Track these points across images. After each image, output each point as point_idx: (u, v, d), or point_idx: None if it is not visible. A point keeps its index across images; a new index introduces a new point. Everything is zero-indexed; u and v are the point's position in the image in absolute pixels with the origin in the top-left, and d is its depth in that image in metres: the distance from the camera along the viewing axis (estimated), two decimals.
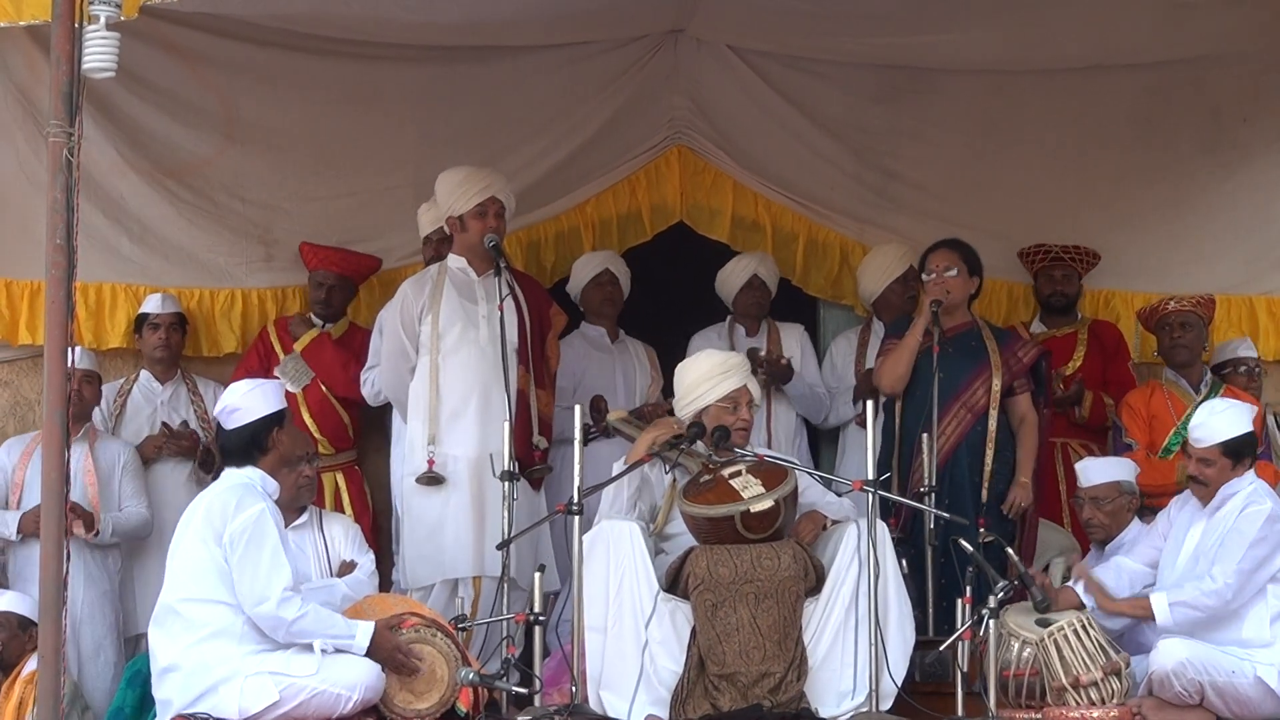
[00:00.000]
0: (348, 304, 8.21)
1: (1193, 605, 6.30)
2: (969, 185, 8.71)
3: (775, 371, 8.11)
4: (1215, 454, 6.50)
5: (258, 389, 6.33)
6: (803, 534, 6.51)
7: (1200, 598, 6.29)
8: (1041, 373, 7.48)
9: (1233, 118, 8.73)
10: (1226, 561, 6.28)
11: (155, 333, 7.96)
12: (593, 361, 8.22)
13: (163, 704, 6.03)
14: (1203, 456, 6.52)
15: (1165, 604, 6.32)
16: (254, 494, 6.07)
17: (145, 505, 7.64)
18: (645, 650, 6.29)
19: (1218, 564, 6.30)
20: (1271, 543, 6.31)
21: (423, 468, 7.22)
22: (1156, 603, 6.34)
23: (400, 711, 6.10)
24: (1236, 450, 6.50)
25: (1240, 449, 6.51)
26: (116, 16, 5.63)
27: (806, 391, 8.28)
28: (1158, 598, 6.35)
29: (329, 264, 8.07)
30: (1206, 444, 6.51)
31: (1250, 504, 6.38)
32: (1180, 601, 6.31)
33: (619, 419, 7.28)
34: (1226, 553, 6.30)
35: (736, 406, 6.65)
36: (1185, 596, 6.32)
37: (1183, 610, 6.30)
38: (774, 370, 8.09)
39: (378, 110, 8.34)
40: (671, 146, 8.66)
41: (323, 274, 8.08)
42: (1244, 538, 6.30)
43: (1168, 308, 8.11)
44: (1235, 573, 6.26)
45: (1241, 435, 6.53)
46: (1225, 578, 6.26)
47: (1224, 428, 6.53)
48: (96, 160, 7.71)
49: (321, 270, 8.08)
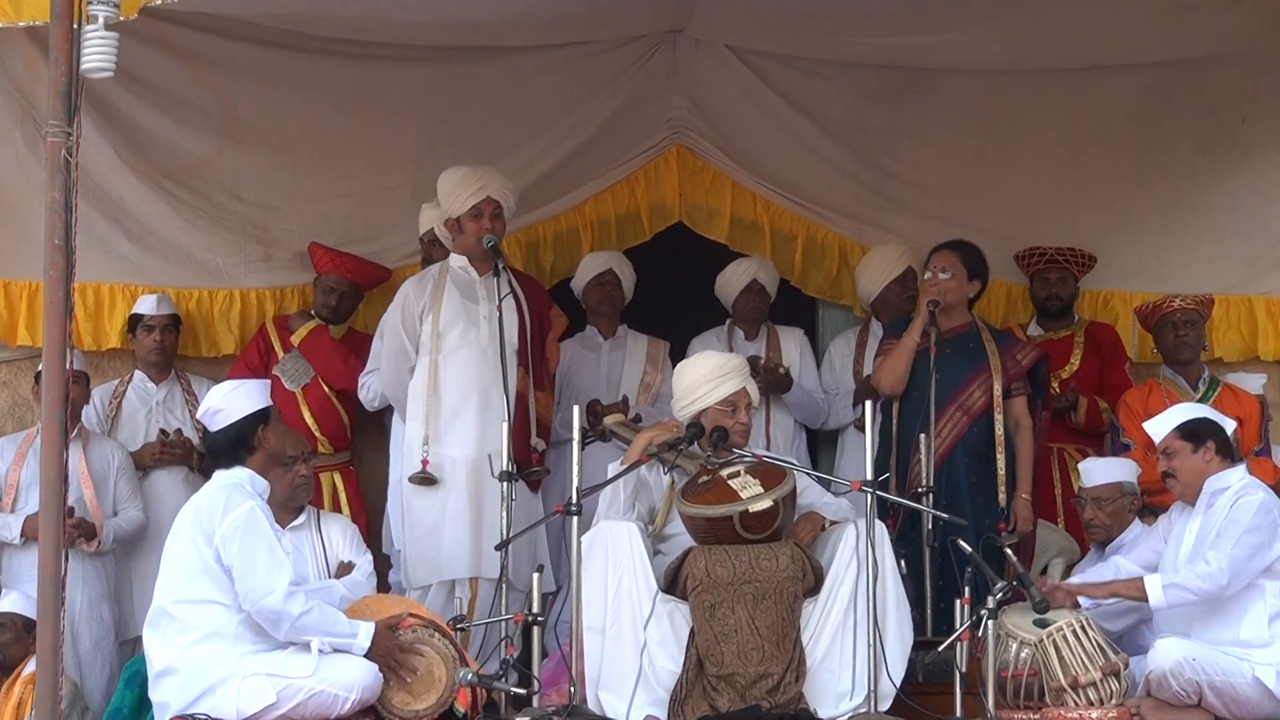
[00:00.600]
0: (353, 311, 8.20)
1: (1186, 588, 6.29)
2: (968, 185, 8.71)
3: (773, 381, 8.11)
4: (1172, 440, 6.52)
5: (240, 388, 6.32)
6: (801, 535, 6.51)
7: (1194, 580, 6.28)
8: (1040, 377, 7.47)
9: (1232, 118, 8.73)
10: (1221, 548, 6.28)
11: (150, 334, 7.95)
12: (577, 360, 8.22)
13: (160, 707, 6.02)
14: (1163, 449, 6.56)
15: (1159, 585, 6.31)
16: (242, 493, 6.06)
17: (140, 507, 7.65)
18: (644, 651, 6.29)
19: (1212, 550, 6.30)
20: (1266, 532, 6.31)
21: (417, 467, 7.21)
22: (1150, 583, 6.32)
23: (398, 712, 6.09)
24: (1192, 431, 6.51)
25: (1196, 430, 6.51)
26: (115, 17, 5.63)
27: (805, 399, 8.29)
28: (1151, 579, 6.34)
29: (344, 270, 8.06)
30: (1161, 435, 6.54)
31: (1243, 495, 6.39)
32: (1174, 584, 6.30)
33: (615, 423, 7.28)
34: (1221, 541, 6.30)
35: (735, 409, 6.65)
36: (1179, 579, 6.32)
37: (1176, 592, 6.29)
38: (772, 380, 8.09)
39: (377, 110, 8.34)
40: (670, 146, 8.66)
41: (335, 279, 8.06)
42: (1238, 526, 6.30)
43: (1172, 305, 8.10)
44: (1229, 558, 6.25)
45: (1195, 419, 6.54)
46: (1219, 563, 6.26)
47: (1173, 416, 6.58)
48: (95, 160, 7.71)
49: (334, 276, 8.06)
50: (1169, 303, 8.12)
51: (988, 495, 7.26)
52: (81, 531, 7.33)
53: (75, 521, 7.26)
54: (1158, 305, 8.15)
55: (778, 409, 8.23)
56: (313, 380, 7.99)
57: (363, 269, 8.13)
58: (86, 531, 7.36)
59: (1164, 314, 8.11)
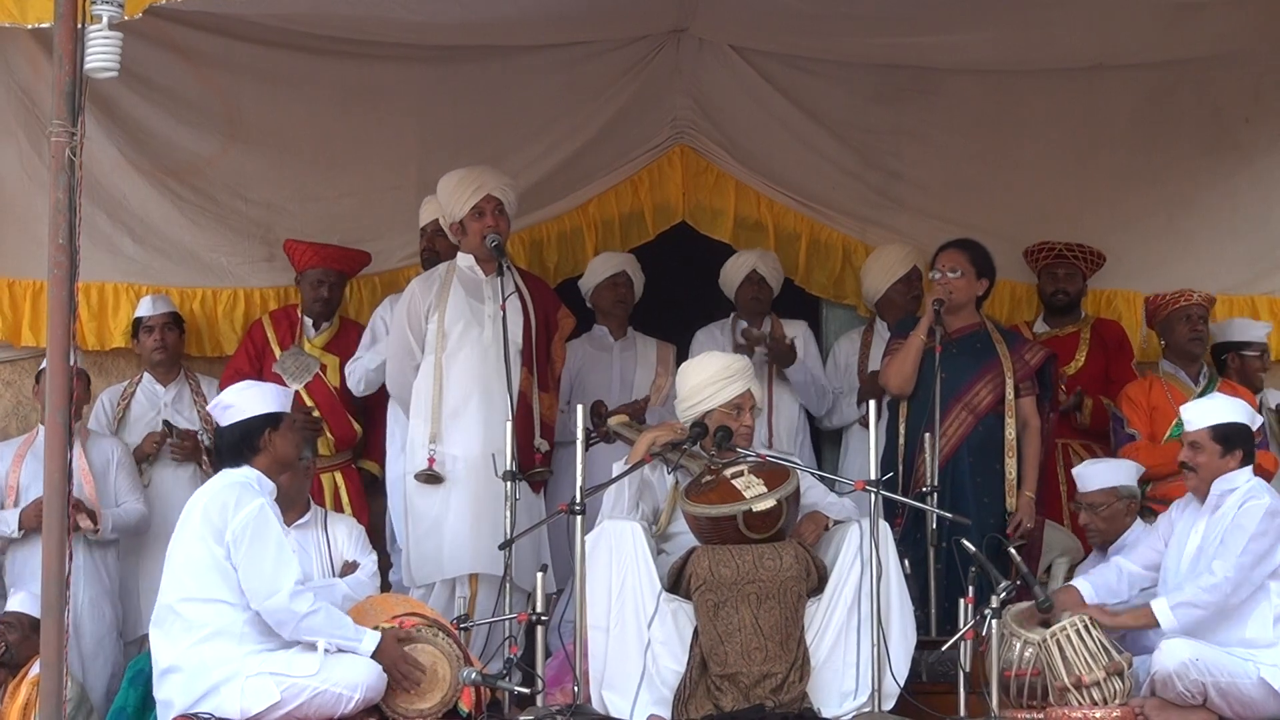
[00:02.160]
0: (340, 301, 8.18)
1: (1194, 604, 6.28)
2: (971, 185, 8.71)
3: (777, 351, 8.07)
4: (1204, 438, 6.48)
5: (255, 388, 6.33)
6: (805, 535, 6.52)
7: (1201, 594, 6.27)
8: (1048, 376, 7.47)
9: (1234, 118, 8.74)
10: (1226, 556, 6.27)
11: (150, 335, 7.94)
12: (589, 361, 8.22)
13: (164, 705, 6.02)
14: (1192, 440, 6.51)
15: (1167, 608, 6.29)
16: (251, 491, 6.05)
17: (141, 500, 7.64)
18: (648, 650, 6.29)
19: (1217, 559, 6.29)
20: (1272, 537, 6.30)
21: (423, 465, 7.21)
22: (1158, 609, 6.30)
23: (402, 711, 6.09)
24: (1225, 436, 6.46)
25: (1230, 435, 6.46)
26: (119, 16, 5.63)
27: (809, 380, 8.24)
28: (1159, 603, 6.32)
29: (329, 261, 8.03)
30: (1195, 427, 6.51)
31: (1249, 499, 6.36)
32: (1182, 602, 6.29)
33: (619, 423, 7.28)
34: (1226, 548, 6.29)
35: (740, 411, 6.65)
36: (1186, 597, 6.30)
37: (1185, 610, 6.28)
38: (776, 350, 8.05)
39: (380, 110, 8.34)
40: (674, 146, 8.66)
41: (321, 272, 8.02)
42: (1244, 532, 6.28)
43: (1191, 299, 8.11)
44: (1235, 566, 6.24)
45: (1232, 422, 6.49)
46: (1225, 571, 6.25)
47: (1214, 413, 6.53)
48: (99, 160, 7.71)
49: (319, 268, 8.02)
50: (1186, 295, 8.12)
51: (993, 495, 7.25)
52: (82, 511, 7.27)
53: (76, 501, 7.24)
54: (1173, 298, 8.14)
55: (782, 398, 8.21)
56: (318, 380, 7.95)
57: (345, 255, 8.10)
58: (88, 514, 7.33)
59: (1179, 307, 8.11)
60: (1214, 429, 6.47)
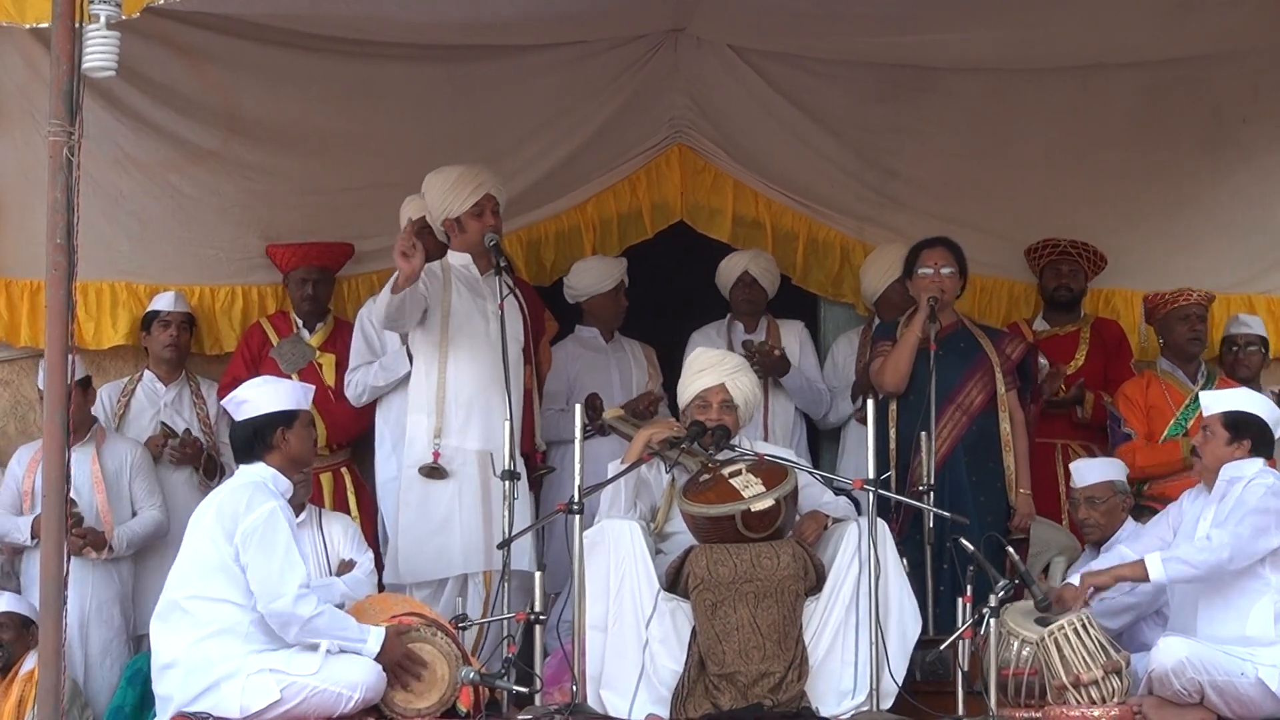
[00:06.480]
0: (329, 298, 8.17)
1: (1186, 560, 6.27)
2: (969, 184, 8.71)
3: (767, 363, 8.07)
4: (1214, 422, 6.50)
5: (270, 384, 6.33)
6: (805, 534, 6.52)
7: (1194, 554, 6.26)
8: (1028, 369, 7.48)
9: (1233, 117, 8.73)
10: (1225, 526, 6.28)
11: (166, 330, 7.93)
12: (586, 363, 8.20)
13: (162, 700, 6.02)
14: (1204, 424, 6.54)
15: (1158, 560, 6.28)
16: (265, 492, 6.05)
17: (159, 506, 7.60)
18: (646, 649, 6.30)
19: (1216, 528, 6.30)
20: (1273, 514, 6.29)
21: (425, 459, 7.18)
22: (1150, 560, 6.30)
23: (401, 710, 6.10)
24: (1235, 424, 6.47)
25: (1239, 424, 6.47)
26: (117, 16, 5.63)
27: (804, 385, 8.26)
28: (1152, 556, 6.33)
29: (309, 259, 8.02)
30: (1210, 411, 6.54)
31: (1256, 479, 6.38)
32: (1174, 557, 6.29)
33: (615, 417, 7.28)
34: (1227, 520, 6.30)
35: (706, 406, 6.65)
36: (1179, 553, 6.31)
37: (1176, 565, 6.26)
38: (766, 362, 8.05)
39: (379, 108, 8.33)
40: (672, 145, 8.66)
41: (304, 271, 8.01)
42: (1245, 506, 6.29)
43: (1190, 298, 8.11)
44: (1232, 535, 6.23)
45: (1246, 412, 6.50)
46: (1220, 539, 6.24)
47: (1232, 400, 6.57)
48: (97, 158, 7.68)
49: (302, 268, 8.02)
50: (1186, 295, 8.12)
51: (990, 493, 7.27)
52: (89, 541, 7.30)
53: (82, 531, 7.25)
54: (1172, 297, 8.14)
55: (777, 399, 8.21)
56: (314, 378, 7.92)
57: (326, 251, 8.09)
58: (94, 541, 7.33)
59: (1178, 306, 8.11)
60: (1226, 414, 6.50)
